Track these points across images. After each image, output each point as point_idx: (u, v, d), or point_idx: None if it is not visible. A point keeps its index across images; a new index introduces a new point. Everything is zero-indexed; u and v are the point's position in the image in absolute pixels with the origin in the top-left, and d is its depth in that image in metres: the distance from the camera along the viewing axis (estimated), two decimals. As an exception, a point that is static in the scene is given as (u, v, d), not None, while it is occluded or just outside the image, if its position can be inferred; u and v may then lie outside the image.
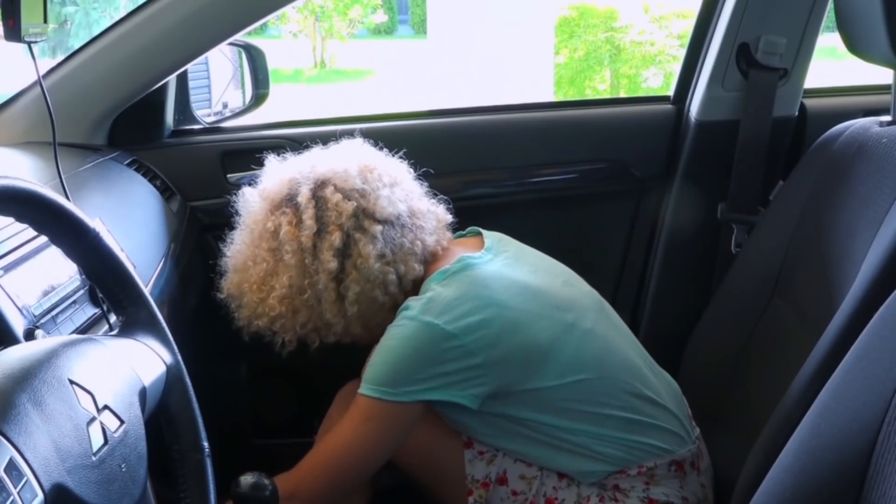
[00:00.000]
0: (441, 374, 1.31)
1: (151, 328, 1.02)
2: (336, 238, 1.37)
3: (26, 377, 0.79)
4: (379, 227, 1.38)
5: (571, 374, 1.36)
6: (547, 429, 1.36)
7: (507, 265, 1.41)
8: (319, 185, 1.41)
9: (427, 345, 1.31)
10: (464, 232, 1.55)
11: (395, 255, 1.39)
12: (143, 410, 0.93)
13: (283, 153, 1.54)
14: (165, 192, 1.87)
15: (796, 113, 1.93)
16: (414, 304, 1.34)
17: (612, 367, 1.40)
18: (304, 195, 1.40)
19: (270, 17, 1.85)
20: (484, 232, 1.50)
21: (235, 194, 1.55)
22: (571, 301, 1.42)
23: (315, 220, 1.38)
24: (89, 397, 0.84)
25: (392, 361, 1.32)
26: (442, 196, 1.57)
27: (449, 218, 1.50)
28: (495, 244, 1.45)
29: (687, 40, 2.04)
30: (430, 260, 1.43)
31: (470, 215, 2.04)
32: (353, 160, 1.45)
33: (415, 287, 1.41)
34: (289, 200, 1.42)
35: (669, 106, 2.03)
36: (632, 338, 1.50)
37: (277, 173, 1.46)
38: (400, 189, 1.44)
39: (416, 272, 1.40)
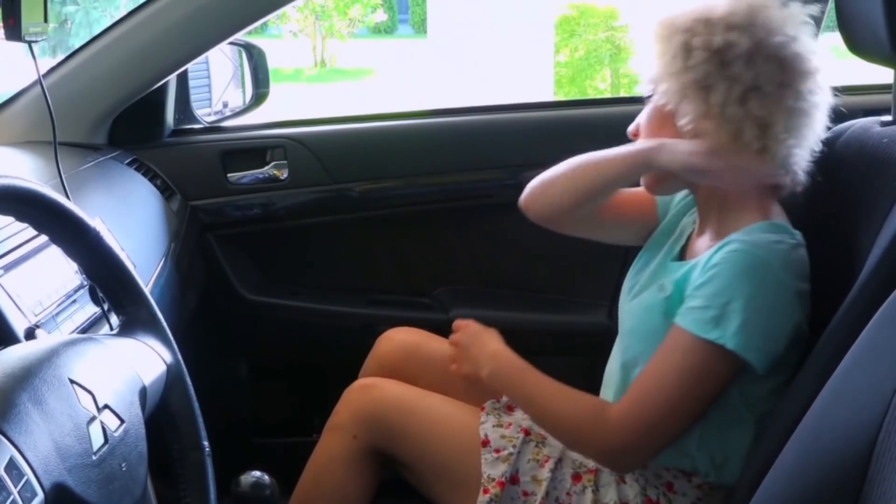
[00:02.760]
0: None
1: (152, 327, 1.02)
2: None
3: (27, 376, 0.80)
4: None
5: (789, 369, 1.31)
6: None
7: None
8: None
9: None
10: None
11: None
12: (143, 410, 0.93)
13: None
14: (166, 191, 1.87)
15: (796, 113, 1.93)
16: None
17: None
18: None
19: (270, 17, 1.85)
20: None
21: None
22: None
23: None
24: (90, 396, 0.84)
25: None
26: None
27: None
28: None
29: (687, 40, 2.04)
30: None
31: (469, 214, 2.05)
32: None
33: None
34: None
35: (670, 105, 2.03)
36: None
37: None
38: None
39: None
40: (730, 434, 1.32)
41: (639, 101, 1.41)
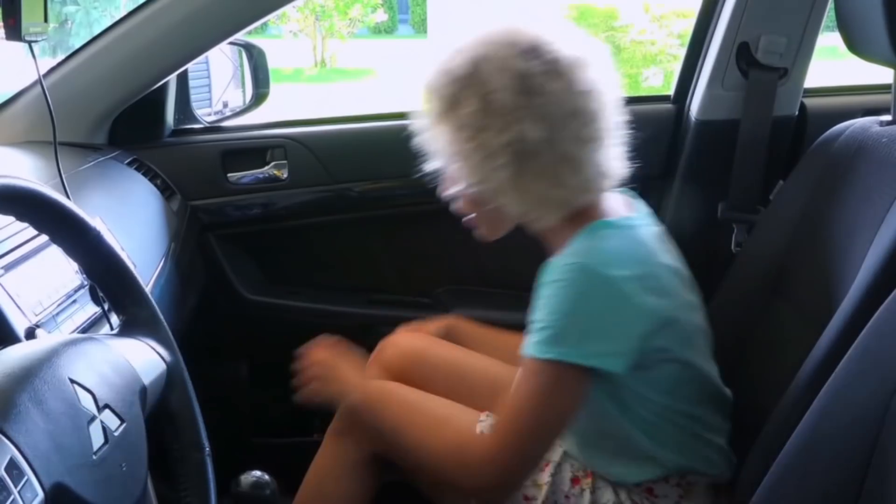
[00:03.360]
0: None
1: (152, 327, 1.02)
2: None
3: (27, 376, 0.80)
4: None
5: (685, 355, 1.31)
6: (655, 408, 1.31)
7: None
8: None
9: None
10: None
11: None
12: (143, 409, 0.93)
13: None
14: (166, 191, 1.87)
15: (796, 112, 1.93)
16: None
17: (709, 367, 1.38)
18: None
19: (271, 17, 1.85)
20: None
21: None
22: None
23: None
24: (90, 396, 0.84)
25: None
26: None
27: None
28: None
29: (687, 39, 2.04)
30: None
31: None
32: None
33: None
34: None
35: (670, 105, 2.03)
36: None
37: None
38: None
39: None
40: (652, 432, 1.31)
41: (639, 100, 1.41)
